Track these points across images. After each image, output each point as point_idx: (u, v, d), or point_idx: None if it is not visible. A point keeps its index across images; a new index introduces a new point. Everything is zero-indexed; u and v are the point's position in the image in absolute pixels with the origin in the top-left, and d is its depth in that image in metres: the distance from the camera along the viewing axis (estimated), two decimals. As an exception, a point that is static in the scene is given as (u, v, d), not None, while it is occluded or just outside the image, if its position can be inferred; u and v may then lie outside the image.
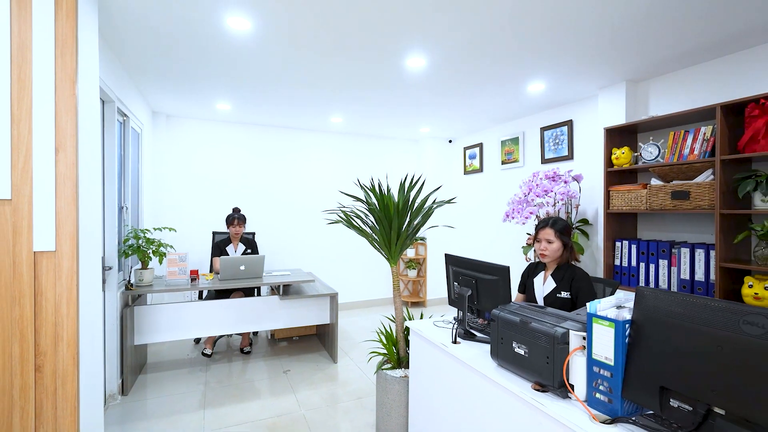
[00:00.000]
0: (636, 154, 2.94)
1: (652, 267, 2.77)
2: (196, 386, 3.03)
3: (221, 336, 4.07)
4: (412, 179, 2.50)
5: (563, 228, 2.00)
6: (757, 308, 0.87)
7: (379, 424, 2.36)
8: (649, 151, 2.81)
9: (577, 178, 3.47)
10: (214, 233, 4.23)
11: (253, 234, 4.35)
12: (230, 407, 2.72)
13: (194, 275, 3.28)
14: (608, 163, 3.05)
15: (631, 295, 1.24)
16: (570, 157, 3.83)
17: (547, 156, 4.07)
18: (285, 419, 2.57)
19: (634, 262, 2.89)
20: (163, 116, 4.29)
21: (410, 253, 5.49)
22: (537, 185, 3.54)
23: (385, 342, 2.44)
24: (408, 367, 2.34)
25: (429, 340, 1.92)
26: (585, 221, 3.55)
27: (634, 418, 1.12)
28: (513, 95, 3.60)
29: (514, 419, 1.38)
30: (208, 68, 2.95)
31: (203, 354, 3.56)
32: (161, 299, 4.02)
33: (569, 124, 3.82)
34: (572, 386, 1.25)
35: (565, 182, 3.46)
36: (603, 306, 1.22)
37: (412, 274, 5.50)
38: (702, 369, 0.94)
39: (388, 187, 2.44)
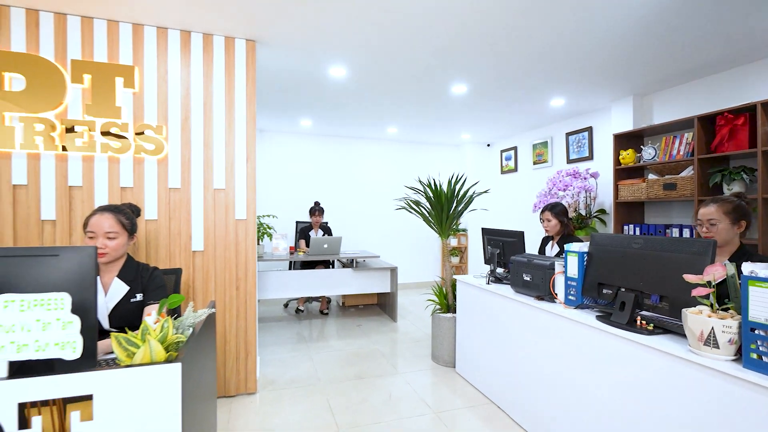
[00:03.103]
0: (638, 154, 3.67)
1: (650, 244, 3.50)
2: (292, 332, 4.12)
3: (309, 298, 5.17)
4: (457, 176, 3.42)
5: (559, 211, 2.84)
6: (638, 235, 1.73)
7: (434, 351, 3.29)
8: (648, 152, 3.55)
9: (594, 175, 4.22)
10: (297, 222, 5.36)
11: (327, 222, 5.45)
12: (322, 343, 3.76)
13: (292, 250, 4.38)
14: (617, 162, 3.80)
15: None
16: (590, 157, 4.56)
17: (572, 157, 4.82)
18: (364, 350, 3.58)
19: (636, 241, 3.62)
20: (257, 131, 5.50)
21: (453, 242, 6.38)
22: (560, 181, 4.32)
23: (437, 293, 3.38)
24: (455, 312, 3.25)
25: (471, 284, 2.84)
26: (602, 211, 4.28)
27: (587, 303, 2.00)
28: (539, 108, 4.41)
29: (524, 319, 2.28)
30: (305, 99, 4.05)
31: (297, 310, 4.67)
32: (265, 267, 5.19)
33: (589, 130, 4.56)
34: (556, 294, 2.13)
35: (584, 179, 4.22)
36: (573, 247, 2.09)
37: (455, 260, 6.38)
38: (615, 270, 1.81)
39: (439, 182, 3.38)
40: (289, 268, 4.97)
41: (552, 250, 2.92)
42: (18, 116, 2.25)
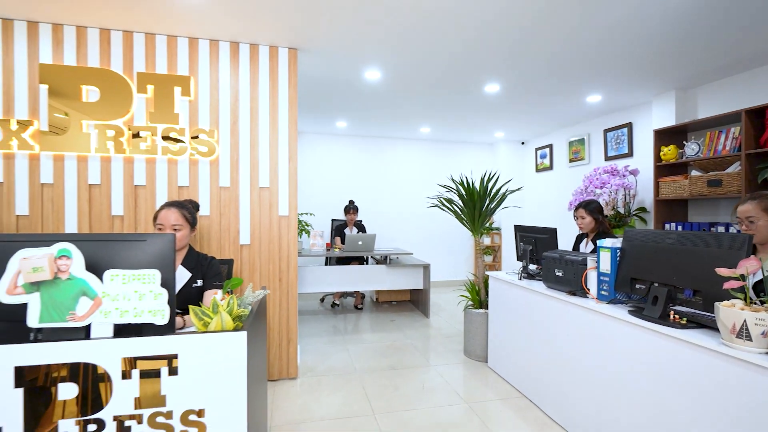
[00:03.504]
0: (681, 150, 3.56)
1: (693, 243, 3.39)
2: (328, 325, 4.31)
3: (344, 293, 5.36)
4: (489, 174, 3.46)
5: (593, 208, 2.82)
6: (672, 230, 1.73)
7: (466, 346, 3.36)
8: (691, 148, 3.43)
9: (633, 172, 4.12)
10: (332, 220, 5.57)
11: (361, 221, 5.61)
12: (357, 336, 3.92)
13: (328, 247, 4.58)
14: (657, 158, 3.70)
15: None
16: (630, 154, 4.44)
17: (610, 154, 4.71)
18: (397, 343, 3.70)
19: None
20: (296, 133, 5.75)
21: (486, 240, 6.37)
22: (596, 179, 4.25)
23: (469, 289, 3.44)
24: (487, 308, 3.30)
25: (504, 280, 2.89)
26: (643, 209, 4.16)
27: (619, 298, 2.01)
28: (575, 105, 4.35)
29: (556, 314, 2.31)
30: (340, 101, 4.22)
31: (333, 305, 4.87)
32: (303, 263, 5.44)
33: (629, 126, 4.44)
34: (588, 289, 2.15)
35: (623, 176, 4.13)
36: (606, 243, 2.11)
37: (488, 259, 6.37)
38: (648, 265, 1.82)
39: (471, 180, 3.44)
40: (325, 264, 5.18)
41: (586, 247, 2.91)
42: (93, 124, 2.55)
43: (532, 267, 2.88)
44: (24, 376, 0.91)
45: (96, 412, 0.94)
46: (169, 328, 1.04)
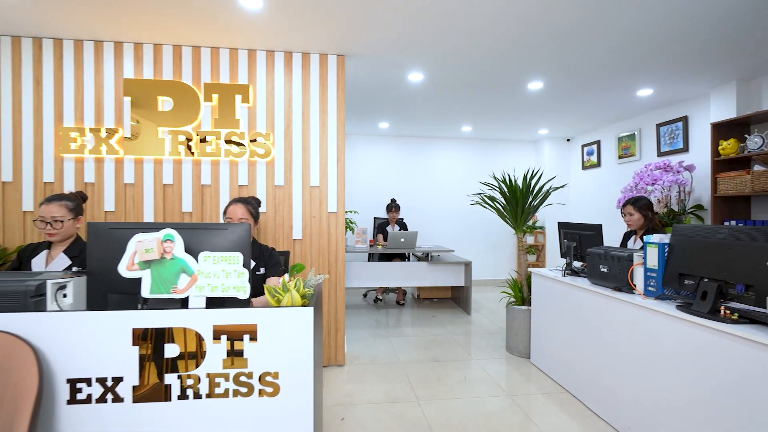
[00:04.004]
0: (742, 144, 3.36)
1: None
2: (371, 319, 4.47)
3: (386, 290, 5.53)
4: (532, 171, 3.46)
5: (642, 204, 2.75)
6: (722, 225, 1.71)
7: (509, 342, 3.39)
8: (754, 141, 3.24)
9: (689, 168, 3.93)
10: (375, 218, 5.74)
11: (402, 219, 5.74)
12: (399, 329, 4.05)
13: (371, 244, 4.75)
14: (715, 153, 3.52)
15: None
16: (685, 149, 4.24)
17: (663, 149, 4.50)
18: (439, 338, 3.79)
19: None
20: (340, 134, 5.99)
21: (530, 239, 6.27)
22: (647, 175, 4.09)
23: (512, 286, 3.46)
24: (530, 305, 3.31)
25: (547, 277, 2.90)
26: (699, 206, 3.96)
27: (667, 294, 1.99)
28: (625, 99, 4.22)
29: (601, 310, 2.32)
30: (383, 103, 4.37)
31: (376, 300, 5.04)
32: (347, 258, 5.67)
33: (684, 119, 4.24)
34: (635, 285, 2.14)
35: (677, 172, 3.95)
36: (653, 238, 2.09)
37: (532, 258, 6.27)
38: (698, 260, 1.80)
39: (514, 177, 3.46)
40: (368, 261, 5.36)
41: (635, 245, 2.86)
42: (167, 130, 2.87)
43: (576, 264, 2.87)
44: (139, 337, 1.12)
45: (193, 369, 1.14)
46: (247, 303, 1.23)
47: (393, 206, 5.23)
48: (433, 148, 6.34)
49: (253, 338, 1.16)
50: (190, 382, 1.14)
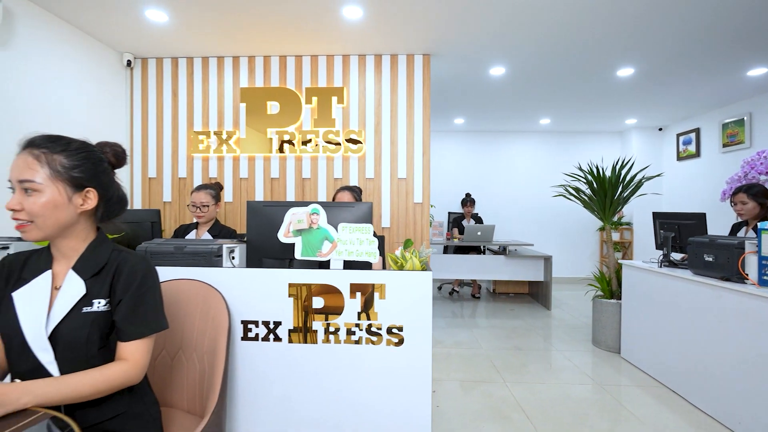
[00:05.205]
0: None
1: None
2: (447, 310, 4.59)
3: (461, 283, 5.62)
4: (623, 161, 3.34)
5: (757, 191, 2.54)
6: None
7: (595, 336, 3.32)
8: None
9: (814, 155, 3.49)
10: (449, 213, 5.85)
11: (477, 213, 5.78)
12: (477, 320, 4.13)
13: (448, 237, 4.88)
14: None
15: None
16: (809, 133, 3.77)
17: (780, 135, 4.04)
18: (520, 329, 3.80)
19: None
20: (415, 132, 6.20)
21: (615, 236, 5.94)
22: (760, 163, 3.71)
23: (599, 279, 3.38)
24: (619, 298, 3.21)
25: (641, 268, 2.82)
26: (827, 198, 3.50)
27: (788, 286, 1.87)
28: (732, 81, 3.86)
29: (705, 301, 2.23)
30: (461, 99, 4.47)
31: (452, 291, 5.17)
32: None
33: (808, 100, 3.77)
34: (747, 274, 2.03)
35: (799, 159, 3.53)
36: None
37: (618, 256, 5.93)
38: (826, 245, 1.68)
39: (602, 168, 3.37)
40: (443, 254, 5.49)
41: (746, 236, 2.65)
42: (274, 131, 3.28)
43: (675, 255, 2.75)
44: (293, 290, 1.40)
45: (334, 319, 1.39)
46: (369, 266, 1.45)
47: (468, 200, 5.30)
48: (508, 143, 6.28)
49: (383, 296, 1.37)
50: (332, 329, 1.39)
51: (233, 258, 1.53)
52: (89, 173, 0.90)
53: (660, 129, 5.86)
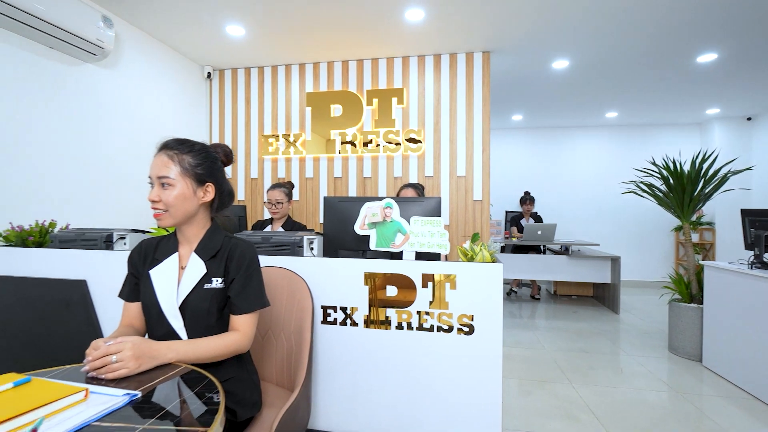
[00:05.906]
0: None
1: None
2: (505, 310, 4.50)
3: (521, 283, 5.49)
4: (704, 154, 3.09)
5: None
6: None
7: (672, 342, 3.10)
8: None
9: None
10: (506, 212, 5.73)
11: (536, 212, 5.60)
12: (538, 321, 4.01)
13: (506, 235, 4.79)
14: None
15: None
16: None
17: None
18: (585, 332, 3.65)
19: None
20: (470, 130, 6.14)
21: (694, 237, 5.46)
22: None
23: (675, 281, 3.15)
24: (699, 303, 2.98)
25: (727, 270, 2.60)
26: None
27: None
28: (839, 61, 3.42)
29: (804, 304, 2.02)
30: (519, 95, 4.37)
31: (510, 292, 5.06)
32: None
33: None
34: None
35: None
36: None
37: (696, 258, 5.44)
38: None
39: (679, 162, 3.14)
40: (501, 252, 5.38)
41: None
42: (337, 132, 3.44)
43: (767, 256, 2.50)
44: (368, 278, 1.50)
45: (407, 307, 1.47)
46: (438, 258, 1.51)
47: (527, 199, 5.16)
48: (570, 139, 6.01)
49: (453, 286, 1.43)
50: (404, 316, 1.47)
51: (312, 249, 1.66)
52: (209, 170, 1.06)
53: (749, 119, 5.29)
